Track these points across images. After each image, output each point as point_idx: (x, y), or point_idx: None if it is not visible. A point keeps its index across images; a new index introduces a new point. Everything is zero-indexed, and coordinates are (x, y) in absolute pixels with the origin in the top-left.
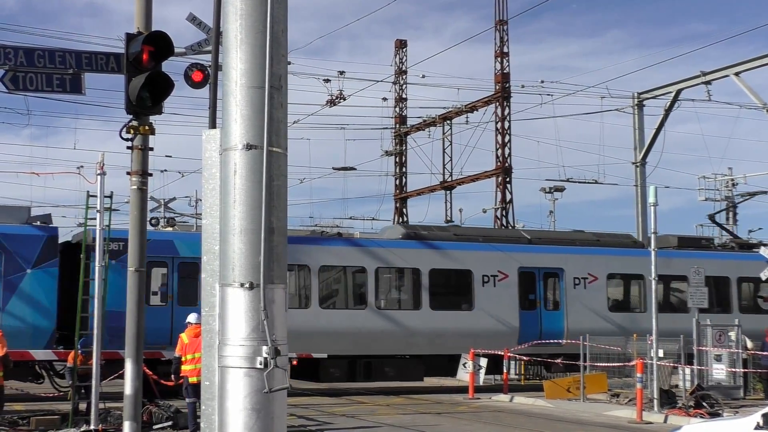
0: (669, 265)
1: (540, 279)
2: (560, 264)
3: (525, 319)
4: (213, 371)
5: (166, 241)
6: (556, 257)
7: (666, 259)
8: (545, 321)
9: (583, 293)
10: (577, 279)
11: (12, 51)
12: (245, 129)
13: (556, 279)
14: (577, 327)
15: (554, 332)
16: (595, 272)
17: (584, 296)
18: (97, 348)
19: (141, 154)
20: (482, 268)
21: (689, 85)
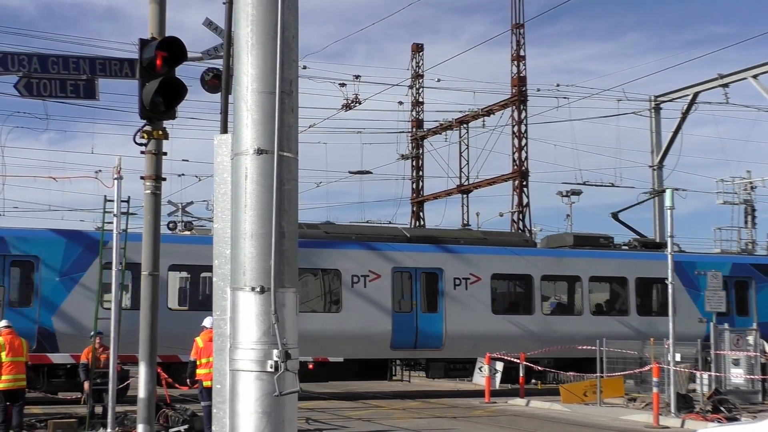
0: (561, 265)
1: (417, 279)
2: (439, 264)
3: (399, 321)
4: (224, 374)
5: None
6: (436, 256)
7: (558, 258)
8: (422, 324)
9: (464, 294)
10: (458, 279)
11: (26, 57)
12: (256, 134)
13: (435, 279)
14: (457, 330)
15: (432, 336)
16: (477, 272)
17: (465, 298)
18: (114, 351)
19: (154, 158)
20: (352, 267)
21: (707, 87)
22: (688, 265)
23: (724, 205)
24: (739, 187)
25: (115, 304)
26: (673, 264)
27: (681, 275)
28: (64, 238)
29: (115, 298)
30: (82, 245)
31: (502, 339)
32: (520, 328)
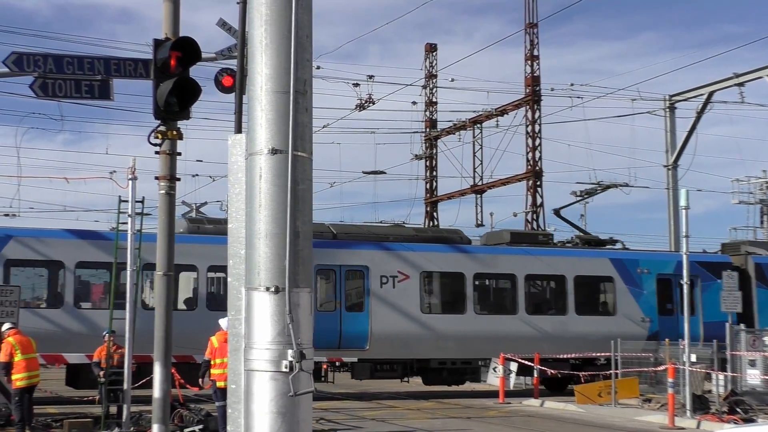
0: (496, 263)
1: (341, 278)
2: (365, 261)
3: (321, 321)
4: (239, 375)
5: None
6: (362, 254)
7: (493, 256)
8: (346, 324)
9: (391, 293)
10: (385, 278)
11: (41, 58)
12: (270, 133)
13: (360, 278)
14: (384, 330)
15: (356, 336)
16: (406, 270)
17: (393, 296)
18: (128, 351)
19: (169, 158)
20: None
21: (722, 87)
22: (630, 263)
23: (740, 204)
24: (754, 186)
25: (129, 304)
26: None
27: (623, 273)
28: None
29: (129, 298)
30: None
31: (432, 339)
32: (452, 327)
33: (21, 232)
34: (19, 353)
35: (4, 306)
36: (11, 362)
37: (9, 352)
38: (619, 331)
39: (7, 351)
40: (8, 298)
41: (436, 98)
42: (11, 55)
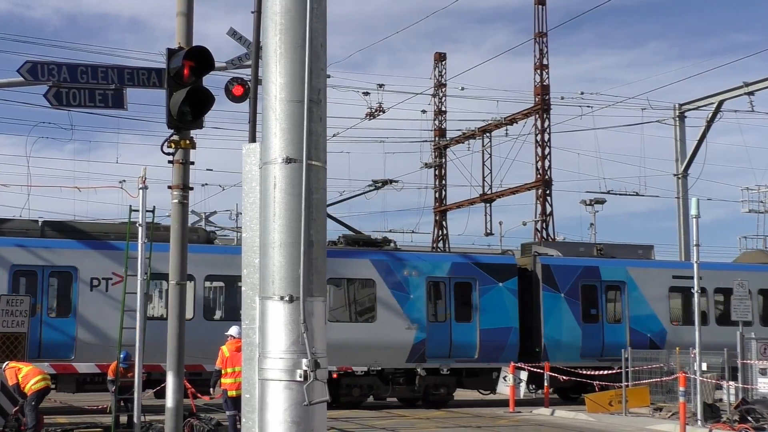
0: (231, 264)
1: (44, 280)
2: (74, 262)
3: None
4: (253, 384)
5: None
6: (71, 253)
7: (230, 256)
8: (47, 331)
9: (103, 297)
10: (97, 280)
11: (55, 67)
12: (284, 143)
13: (68, 280)
14: (93, 337)
15: (60, 344)
16: (122, 271)
17: (106, 300)
18: (139, 360)
19: (182, 168)
20: None
21: (732, 95)
22: (396, 265)
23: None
24: (764, 195)
25: (140, 314)
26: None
27: (387, 276)
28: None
29: (140, 308)
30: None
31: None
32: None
33: None
34: (23, 367)
35: (14, 316)
36: (18, 383)
37: (13, 374)
38: (379, 339)
39: (12, 374)
40: (18, 308)
41: (445, 107)
42: (25, 64)
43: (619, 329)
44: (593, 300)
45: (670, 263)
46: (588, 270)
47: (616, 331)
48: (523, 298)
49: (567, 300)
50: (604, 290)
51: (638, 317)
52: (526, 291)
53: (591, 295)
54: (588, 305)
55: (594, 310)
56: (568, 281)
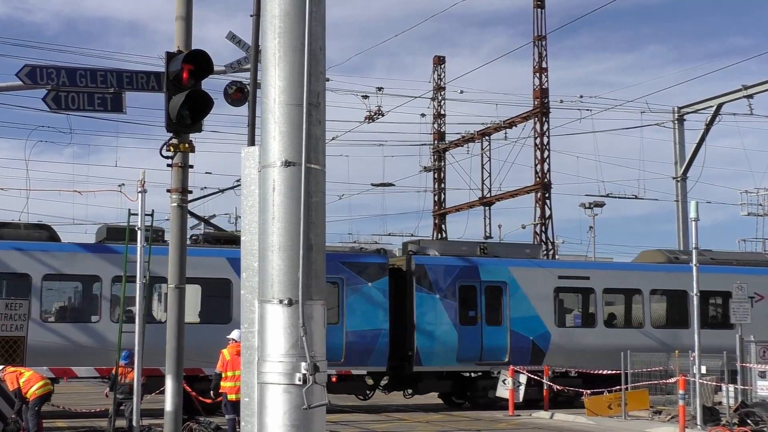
0: (75, 264)
1: None
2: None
3: None
4: (252, 388)
5: None
6: None
7: (71, 255)
8: None
9: None
10: None
11: (54, 71)
12: (284, 146)
13: None
14: None
15: None
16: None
17: None
18: (138, 364)
19: (181, 171)
20: None
21: (730, 99)
22: None
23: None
24: (763, 198)
25: (139, 317)
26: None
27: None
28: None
29: (139, 312)
30: None
31: None
32: None
33: None
34: (25, 372)
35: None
36: (19, 387)
37: (14, 379)
38: (209, 340)
39: (13, 379)
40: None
41: (444, 110)
42: (24, 67)
43: (500, 332)
44: (472, 301)
45: (556, 263)
46: (466, 270)
47: (495, 334)
48: (397, 300)
49: (443, 301)
50: (483, 291)
51: (520, 319)
52: (401, 292)
53: (469, 296)
54: (466, 307)
55: (472, 312)
56: (445, 281)
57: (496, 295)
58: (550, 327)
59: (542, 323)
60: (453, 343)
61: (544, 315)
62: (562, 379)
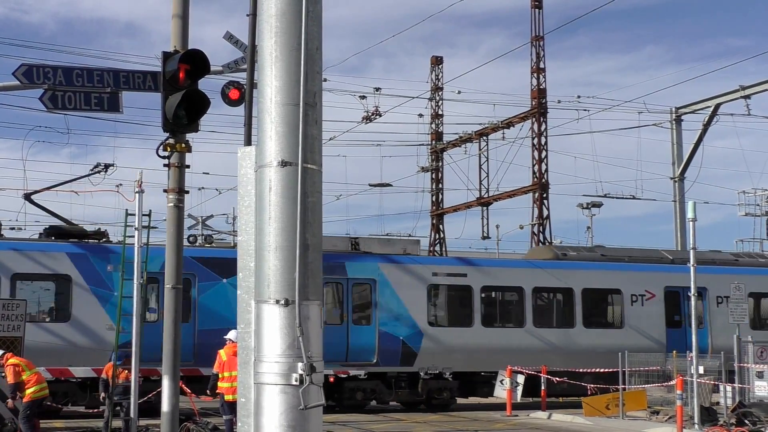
0: None
1: None
2: None
3: None
4: (249, 388)
5: None
6: None
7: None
8: None
9: None
10: None
11: (51, 70)
12: (280, 146)
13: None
14: None
15: None
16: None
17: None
18: (135, 364)
19: (178, 171)
20: None
21: (728, 99)
22: (98, 259)
23: (746, 216)
24: (761, 198)
25: (136, 317)
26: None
27: (85, 271)
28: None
29: (136, 312)
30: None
31: None
32: None
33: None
34: (27, 369)
35: (10, 320)
36: (21, 381)
37: (16, 371)
38: (74, 340)
39: (14, 371)
40: (14, 312)
41: (442, 111)
42: (21, 67)
43: (368, 331)
44: (338, 300)
45: (432, 259)
46: (332, 267)
47: (363, 334)
48: None
49: None
50: (350, 289)
51: (390, 318)
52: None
53: (336, 294)
54: (332, 305)
55: (338, 311)
56: None
57: (365, 293)
58: (423, 326)
59: (414, 323)
60: None
61: (416, 314)
62: (436, 381)
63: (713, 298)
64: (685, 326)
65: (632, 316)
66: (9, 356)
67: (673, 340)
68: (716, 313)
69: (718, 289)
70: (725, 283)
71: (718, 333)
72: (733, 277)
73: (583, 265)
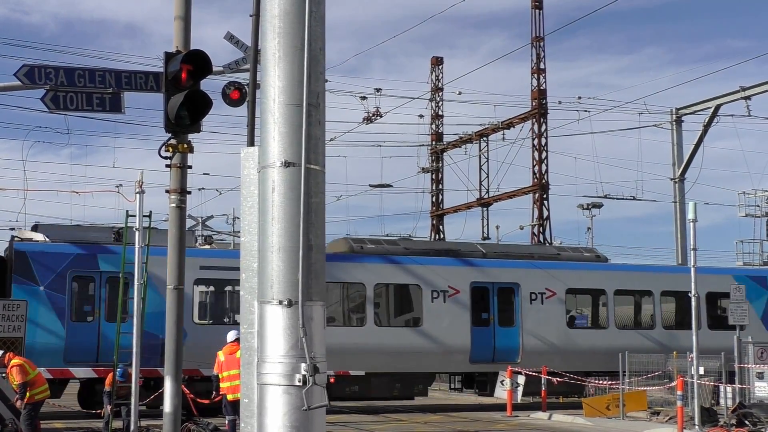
0: None
1: None
2: None
3: None
4: (252, 389)
5: None
6: None
7: None
8: None
9: None
10: None
11: (53, 71)
12: (283, 146)
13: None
14: None
15: None
16: None
17: None
18: (135, 366)
19: (179, 172)
20: None
21: (728, 100)
22: None
23: (746, 217)
24: (761, 199)
25: (137, 318)
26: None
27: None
28: None
29: (137, 312)
30: None
31: None
32: None
33: None
34: (30, 370)
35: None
36: (27, 381)
37: (23, 372)
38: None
39: (20, 371)
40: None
41: (442, 111)
42: (22, 67)
43: (125, 329)
44: (88, 295)
45: (200, 251)
46: (82, 258)
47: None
48: (3, 293)
49: (48, 294)
50: (104, 283)
51: (152, 315)
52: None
53: (86, 290)
54: (81, 301)
55: (89, 307)
56: (52, 272)
57: (116, 288)
58: (186, 324)
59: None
60: (59, 343)
61: None
62: (201, 383)
63: (526, 295)
64: (494, 325)
65: (432, 314)
66: (11, 356)
67: (479, 340)
68: (530, 310)
69: (532, 285)
70: (540, 278)
71: (531, 333)
72: (550, 272)
73: (379, 258)
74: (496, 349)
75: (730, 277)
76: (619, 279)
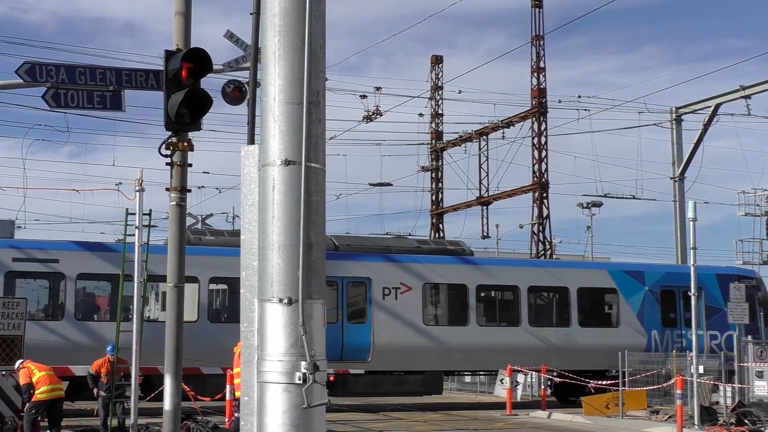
0: None
1: None
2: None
3: None
4: (252, 387)
5: None
6: None
7: None
8: None
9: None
10: None
11: (54, 68)
12: (283, 144)
13: None
14: None
15: None
16: None
17: None
18: (135, 363)
19: (180, 170)
20: None
21: (728, 99)
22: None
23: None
24: (760, 198)
25: (137, 315)
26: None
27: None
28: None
29: (137, 310)
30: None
31: None
32: None
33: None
34: (37, 371)
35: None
36: (32, 383)
37: (27, 374)
38: None
39: (26, 374)
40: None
41: (441, 110)
42: (24, 65)
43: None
44: None
45: (15, 242)
46: None
47: None
48: None
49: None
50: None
51: None
52: None
53: None
54: None
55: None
56: None
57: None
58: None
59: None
60: None
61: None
62: None
63: (378, 290)
64: (343, 322)
65: None
66: (25, 362)
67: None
68: (381, 306)
69: (385, 280)
70: (395, 272)
71: (383, 329)
72: (407, 266)
73: (211, 251)
74: (345, 347)
75: (605, 272)
76: (483, 274)
